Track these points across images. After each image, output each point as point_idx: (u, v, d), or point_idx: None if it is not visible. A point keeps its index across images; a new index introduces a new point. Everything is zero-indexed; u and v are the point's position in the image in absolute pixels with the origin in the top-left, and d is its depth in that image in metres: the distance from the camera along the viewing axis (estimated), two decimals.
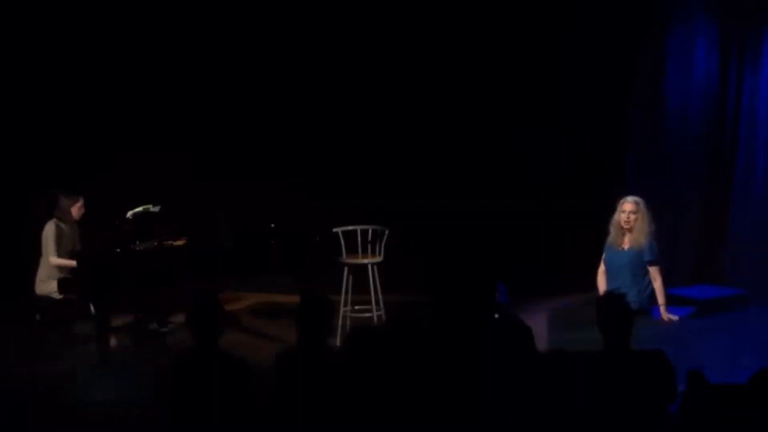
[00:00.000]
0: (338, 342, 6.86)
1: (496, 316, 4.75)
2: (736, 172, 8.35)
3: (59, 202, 7.66)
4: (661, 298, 7.13)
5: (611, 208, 7.27)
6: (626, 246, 7.20)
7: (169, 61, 8.94)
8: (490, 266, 7.28)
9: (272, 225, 7.77)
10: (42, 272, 7.61)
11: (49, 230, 7.60)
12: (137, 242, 7.32)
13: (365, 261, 7.68)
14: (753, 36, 8.25)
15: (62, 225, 7.64)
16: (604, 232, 7.29)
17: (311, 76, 8.91)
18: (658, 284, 7.14)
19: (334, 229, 7.74)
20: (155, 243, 7.41)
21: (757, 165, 8.27)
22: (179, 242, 7.49)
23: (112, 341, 7.30)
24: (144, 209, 7.48)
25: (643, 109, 8.57)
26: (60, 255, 7.55)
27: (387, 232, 7.69)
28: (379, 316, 7.62)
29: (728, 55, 8.34)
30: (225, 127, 9.06)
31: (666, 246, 7.82)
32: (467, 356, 4.29)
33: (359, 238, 7.71)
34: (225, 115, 9.06)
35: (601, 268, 7.35)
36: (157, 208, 7.53)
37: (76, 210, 7.69)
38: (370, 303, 7.66)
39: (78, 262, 7.31)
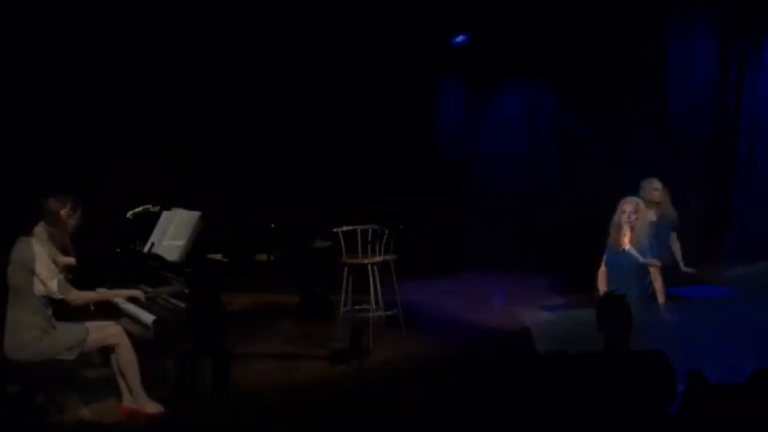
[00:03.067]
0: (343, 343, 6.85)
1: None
2: (737, 173, 8.37)
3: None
4: (661, 298, 7.14)
5: (612, 209, 7.27)
6: (626, 247, 7.19)
7: (171, 64, 8.96)
8: None
9: (272, 225, 7.76)
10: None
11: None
12: (137, 242, 7.32)
13: (365, 261, 7.68)
14: (753, 36, 8.27)
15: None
16: (605, 233, 7.29)
17: (310, 76, 8.93)
18: (658, 284, 7.14)
19: (334, 229, 7.74)
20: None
21: (757, 165, 8.29)
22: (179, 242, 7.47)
23: None
24: (144, 209, 7.48)
25: (644, 109, 8.58)
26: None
27: (387, 232, 7.68)
28: (378, 316, 7.62)
29: (729, 55, 8.37)
30: (224, 128, 9.07)
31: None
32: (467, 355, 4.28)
33: (359, 238, 7.71)
34: (225, 117, 9.07)
35: (602, 269, 7.34)
36: (157, 208, 7.52)
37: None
38: (370, 303, 7.66)
39: (78, 261, 7.30)
